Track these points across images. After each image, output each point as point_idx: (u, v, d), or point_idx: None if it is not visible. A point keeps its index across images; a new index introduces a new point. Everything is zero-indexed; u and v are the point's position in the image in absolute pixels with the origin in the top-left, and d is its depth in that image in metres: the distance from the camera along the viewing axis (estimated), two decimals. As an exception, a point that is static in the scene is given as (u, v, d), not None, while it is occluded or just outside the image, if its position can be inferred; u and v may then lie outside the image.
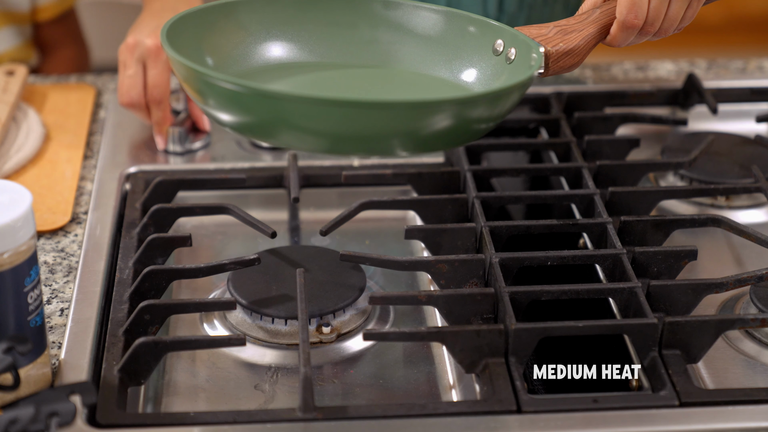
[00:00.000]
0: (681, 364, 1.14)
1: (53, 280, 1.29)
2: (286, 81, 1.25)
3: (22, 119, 1.54)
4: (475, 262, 1.24)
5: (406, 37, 1.30)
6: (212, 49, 1.22)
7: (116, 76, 1.67)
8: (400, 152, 1.13)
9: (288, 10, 1.28)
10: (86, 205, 1.41)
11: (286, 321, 1.21)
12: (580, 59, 1.25)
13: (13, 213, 1.05)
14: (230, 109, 1.11)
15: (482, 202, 1.32)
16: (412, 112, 1.09)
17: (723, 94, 1.60)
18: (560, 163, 1.43)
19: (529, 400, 1.10)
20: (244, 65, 1.25)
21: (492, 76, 1.25)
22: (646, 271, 1.26)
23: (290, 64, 1.27)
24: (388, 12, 1.30)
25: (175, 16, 1.19)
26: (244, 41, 1.26)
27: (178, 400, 1.16)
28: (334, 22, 1.29)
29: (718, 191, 1.38)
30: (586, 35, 1.24)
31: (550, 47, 1.22)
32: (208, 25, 1.23)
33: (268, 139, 1.14)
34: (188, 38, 1.19)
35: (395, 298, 1.21)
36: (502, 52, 1.25)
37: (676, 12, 1.25)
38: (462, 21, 1.28)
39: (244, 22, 1.26)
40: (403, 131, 1.10)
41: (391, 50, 1.30)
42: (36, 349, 1.10)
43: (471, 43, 1.28)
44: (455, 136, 1.14)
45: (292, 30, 1.28)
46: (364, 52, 1.30)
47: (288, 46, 1.28)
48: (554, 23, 1.26)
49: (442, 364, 1.20)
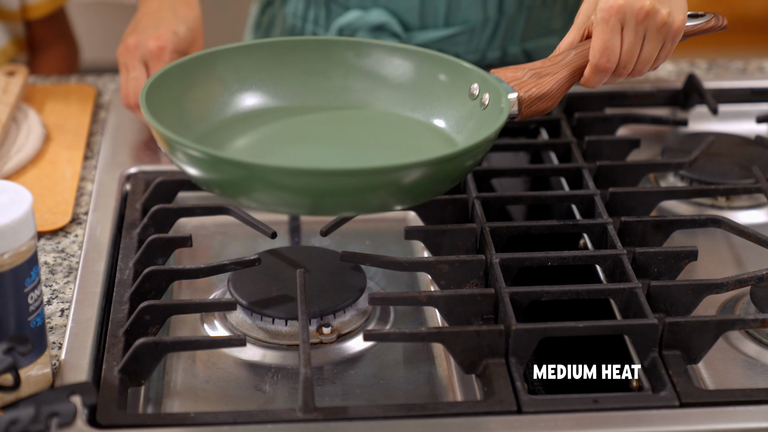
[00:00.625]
0: (681, 364, 1.14)
1: (53, 281, 1.29)
2: (257, 132, 1.28)
3: (23, 120, 1.54)
4: (475, 262, 1.24)
5: (379, 84, 1.33)
6: (191, 102, 1.27)
7: (117, 76, 1.67)
8: (371, 210, 1.17)
9: (263, 60, 1.32)
10: (86, 205, 1.41)
11: (286, 321, 1.21)
12: (554, 102, 1.27)
13: (14, 214, 1.05)
14: (194, 169, 1.15)
15: (482, 203, 1.32)
16: (372, 177, 1.12)
17: (723, 94, 1.60)
18: (560, 164, 1.43)
19: (529, 400, 1.10)
20: (221, 115, 1.29)
21: (465, 118, 1.28)
22: (647, 271, 1.26)
23: (266, 111, 1.31)
24: (361, 60, 1.34)
25: (156, 74, 1.23)
26: (221, 92, 1.30)
27: (178, 400, 1.16)
28: (308, 71, 1.33)
29: (719, 192, 1.38)
30: (559, 79, 1.26)
31: (523, 93, 1.25)
32: (187, 78, 1.27)
33: (234, 200, 1.18)
34: (168, 93, 1.23)
35: (395, 299, 1.21)
36: (478, 97, 1.27)
37: (649, 54, 1.26)
38: (435, 67, 1.32)
39: (221, 74, 1.30)
40: (366, 194, 1.14)
41: (365, 96, 1.33)
42: (36, 350, 1.10)
43: (445, 89, 1.31)
44: (421, 193, 1.16)
45: (268, 80, 1.32)
46: (338, 97, 1.33)
47: (263, 95, 1.32)
48: (530, 65, 1.28)
49: (443, 365, 1.20)
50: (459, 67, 1.30)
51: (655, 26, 1.24)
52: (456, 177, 1.17)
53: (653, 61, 1.27)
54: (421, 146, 1.27)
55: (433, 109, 1.31)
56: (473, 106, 1.27)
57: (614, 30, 1.24)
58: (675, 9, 1.25)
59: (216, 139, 1.26)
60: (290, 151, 1.26)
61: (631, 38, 1.24)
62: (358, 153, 1.26)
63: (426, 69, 1.32)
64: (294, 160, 1.22)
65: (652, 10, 1.23)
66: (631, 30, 1.24)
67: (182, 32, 1.48)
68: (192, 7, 1.52)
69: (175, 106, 1.24)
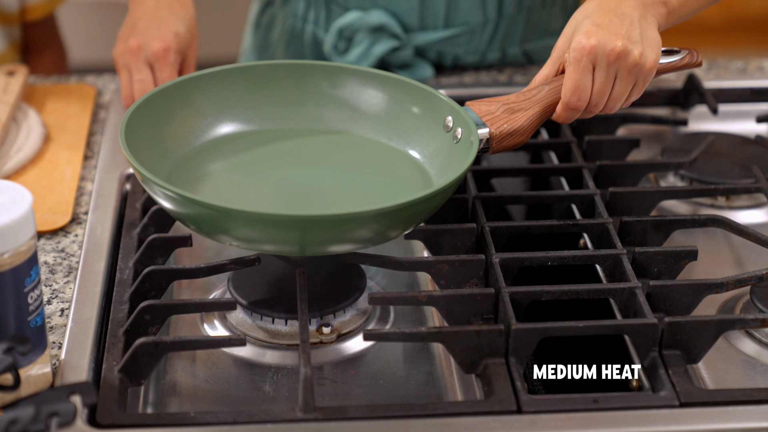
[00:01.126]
0: (681, 364, 1.14)
1: (53, 281, 1.29)
2: (234, 158, 1.31)
3: (23, 120, 1.54)
4: (475, 262, 1.24)
5: (353, 113, 1.35)
6: (168, 130, 1.29)
7: (116, 76, 1.67)
8: (338, 249, 1.18)
9: (238, 87, 1.34)
10: (86, 205, 1.41)
11: (286, 321, 1.21)
12: (525, 137, 1.28)
13: (14, 213, 1.05)
14: (169, 206, 1.18)
15: (482, 203, 1.32)
16: (337, 223, 1.13)
17: (723, 94, 1.60)
18: (560, 164, 1.43)
19: (529, 400, 1.10)
20: (199, 140, 1.32)
21: (438, 151, 1.29)
22: (647, 271, 1.26)
23: (242, 135, 1.33)
24: (335, 90, 1.35)
25: (134, 105, 1.26)
26: (198, 119, 1.32)
27: (178, 400, 1.16)
28: (284, 100, 1.35)
29: (719, 191, 1.38)
30: (531, 115, 1.28)
31: (494, 129, 1.26)
32: (164, 107, 1.29)
33: (209, 236, 1.19)
34: (146, 123, 1.26)
35: (395, 299, 1.21)
36: (452, 129, 1.28)
37: (620, 93, 1.27)
38: (410, 98, 1.33)
39: (196, 101, 1.32)
40: (338, 238, 1.15)
41: (340, 123, 1.35)
42: (36, 350, 1.10)
43: (419, 120, 1.32)
44: (382, 234, 1.17)
45: (243, 106, 1.34)
46: (314, 123, 1.35)
47: (240, 121, 1.34)
48: (504, 99, 1.29)
49: (443, 365, 1.20)
50: (434, 98, 1.31)
51: (627, 67, 1.25)
52: (418, 217, 1.18)
53: (624, 99, 1.28)
54: (395, 178, 1.29)
55: (407, 138, 1.33)
56: (447, 138, 1.28)
57: (586, 70, 1.25)
58: (648, 49, 1.25)
59: (194, 165, 1.28)
60: (265, 180, 1.27)
61: (602, 78, 1.25)
62: (332, 183, 1.28)
63: (401, 99, 1.33)
64: (268, 193, 1.25)
65: (623, 52, 1.24)
66: (602, 71, 1.25)
67: (182, 32, 1.48)
68: (187, 7, 1.52)
69: (153, 135, 1.27)
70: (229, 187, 1.26)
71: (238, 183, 1.27)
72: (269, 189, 1.26)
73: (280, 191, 1.26)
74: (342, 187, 1.27)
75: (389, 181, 1.28)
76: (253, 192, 1.26)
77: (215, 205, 1.12)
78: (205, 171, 1.28)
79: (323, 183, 1.28)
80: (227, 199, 1.23)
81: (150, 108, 1.27)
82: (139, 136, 1.23)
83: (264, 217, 1.12)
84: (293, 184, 1.27)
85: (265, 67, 1.34)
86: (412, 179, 1.28)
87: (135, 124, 1.23)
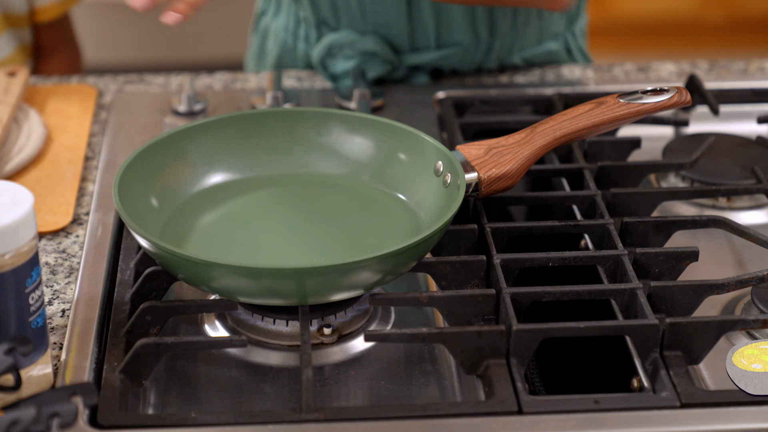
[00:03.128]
0: (682, 365, 1.14)
1: (54, 281, 1.29)
2: (225, 207, 1.31)
3: (24, 120, 1.54)
4: (476, 263, 1.24)
5: (342, 160, 1.35)
6: (160, 183, 1.30)
7: (118, 77, 1.68)
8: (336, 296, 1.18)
9: (230, 140, 1.35)
10: (87, 206, 1.41)
11: (287, 322, 1.21)
12: (514, 181, 1.28)
13: (15, 214, 1.05)
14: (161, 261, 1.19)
15: (483, 203, 1.32)
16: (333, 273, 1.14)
17: (724, 95, 1.60)
18: (561, 164, 1.43)
19: (530, 401, 1.10)
20: (190, 191, 1.32)
21: (427, 195, 1.29)
22: (648, 272, 1.26)
23: (233, 183, 1.34)
24: (322, 138, 1.36)
25: (126, 162, 1.26)
26: (190, 172, 1.33)
27: (179, 401, 1.16)
28: (272, 148, 1.36)
29: (720, 192, 1.38)
30: (519, 158, 1.28)
31: (483, 173, 1.26)
32: (155, 160, 1.30)
33: (201, 288, 1.19)
34: (138, 178, 1.26)
35: (396, 300, 1.21)
36: (441, 174, 1.28)
37: None
38: (399, 143, 1.33)
39: (189, 155, 1.33)
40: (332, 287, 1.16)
41: (330, 169, 1.35)
42: (37, 350, 1.10)
43: (409, 165, 1.32)
44: (379, 278, 1.17)
45: (235, 158, 1.35)
46: (303, 170, 1.35)
47: (230, 170, 1.35)
48: (493, 143, 1.29)
49: (444, 366, 1.20)
50: (423, 142, 1.31)
51: None
52: (406, 262, 1.18)
53: None
54: (386, 224, 1.29)
55: (396, 182, 1.33)
56: (437, 182, 1.29)
57: None
58: None
59: (187, 217, 1.29)
60: (258, 230, 1.28)
61: None
62: (324, 231, 1.28)
63: (390, 144, 1.34)
64: (261, 243, 1.25)
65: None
66: None
67: None
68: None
69: (146, 188, 1.28)
70: (222, 239, 1.27)
71: (231, 234, 1.28)
72: (262, 239, 1.26)
73: (272, 241, 1.26)
74: (334, 235, 1.27)
75: (381, 227, 1.28)
76: (247, 243, 1.26)
77: (208, 261, 1.14)
78: (198, 223, 1.29)
79: (314, 230, 1.28)
80: (221, 253, 1.24)
81: (143, 162, 1.28)
82: (132, 190, 1.24)
83: (263, 271, 1.13)
84: (285, 234, 1.27)
85: (253, 116, 1.36)
86: (403, 225, 1.28)
87: (128, 178, 1.25)
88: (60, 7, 1.94)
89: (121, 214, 1.19)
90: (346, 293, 1.17)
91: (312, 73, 1.69)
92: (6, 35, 1.88)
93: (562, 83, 1.66)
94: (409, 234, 1.26)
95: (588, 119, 1.30)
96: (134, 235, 1.18)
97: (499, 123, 1.51)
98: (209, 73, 1.70)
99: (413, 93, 1.62)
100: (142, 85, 1.66)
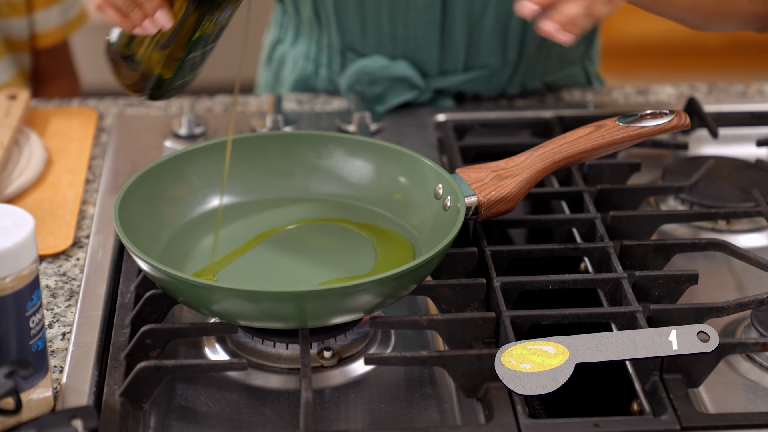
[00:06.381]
0: (682, 388, 1.14)
1: (55, 304, 1.29)
2: (226, 229, 1.31)
3: (24, 143, 1.54)
4: (476, 286, 1.24)
5: (342, 183, 1.36)
6: (163, 206, 1.30)
7: (118, 99, 1.68)
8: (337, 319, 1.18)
9: (230, 163, 1.34)
10: (88, 228, 1.41)
11: (287, 345, 1.21)
12: (514, 204, 1.28)
13: (15, 237, 1.05)
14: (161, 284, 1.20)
15: (483, 226, 1.32)
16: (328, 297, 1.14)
17: (723, 118, 1.60)
18: (561, 187, 1.44)
19: (530, 424, 1.10)
20: (192, 214, 1.33)
21: (427, 219, 1.30)
22: (647, 295, 1.26)
23: (234, 206, 1.34)
24: (322, 161, 1.36)
25: (126, 185, 1.26)
26: (191, 196, 1.33)
27: (179, 424, 1.16)
28: (273, 171, 1.36)
29: (719, 215, 1.39)
30: (519, 182, 1.28)
31: (482, 196, 1.26)
32: (156, 184, 1.30)
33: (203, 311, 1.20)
34: (138, 201, 1.27)
35: (396, 323, 1.21)
36: (441, 197, 1.28)
37: None
38: (398, 166, 1.33)
39: (189, 178, 1.33)
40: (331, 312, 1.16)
41: (330, 192, 1.36)
42: (38, 374, 1.10)
43: (409, 188, 1.33)
44: (381, 300, 1.17)
45: (235, 182, 1.35)
46: (304, 192, 1.36)
47: (231, 197, 1.35)
48: (493, 166, 1.29)
49: (444, 389, 1.20)
50: (423, 166, 1.31)
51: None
52: (406, 285, 1.18)
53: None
54: (386, 245, 1.29)
55: (397, 206, 1.33)
56: (437, 205, 1.29)
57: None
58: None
59: (188, 240, 1.29)
60: (257, 254, 1.28)
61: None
62: (324, 254, 1.28)
63: (389, 168, 1.34)
64: (261, 268, 1.26)
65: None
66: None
67: None
68: None
69: (147, 212, 1.28)
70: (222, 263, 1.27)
71: (231, 257, 1.27)
72: (262, 262, 1.26)
73: (272, 264, 1.26)
74: (334, 258, 1.28)
75: (381, 250, 1.28)
76: (247, 267, 1.26)
77: (210, 285, 1.15)
78: (198, 246, 1.29)
79: (313, 254, 1.28)
80: (221, 276, 1.24)
81: (143, 185, 1.28)
82: (133, 213, 1.25)
83: (263, 294, 1.13)
84: (284, 257, 1.28)
85: (254, 139, 1.37)
86: (403, 248, 1.28)
87: (129, 201, 1.25)
88: (61, 33, 1.95)
89: (121, 237, 1.19)
90: (347, 316, 1.17)
91: (312, 96, 1.69)
92: (6, 60, 1.89)
93: (561, 106, 1.67)
94: (409, 257, 1.26)
95: (587, 142, 1.30)
96: (134, 258, 1.18)
97: (498, 146, 1.51)
98: (209, 96, 1.71)
99: (413, 116, 1.63)
100: (142, 108, 1.67)
